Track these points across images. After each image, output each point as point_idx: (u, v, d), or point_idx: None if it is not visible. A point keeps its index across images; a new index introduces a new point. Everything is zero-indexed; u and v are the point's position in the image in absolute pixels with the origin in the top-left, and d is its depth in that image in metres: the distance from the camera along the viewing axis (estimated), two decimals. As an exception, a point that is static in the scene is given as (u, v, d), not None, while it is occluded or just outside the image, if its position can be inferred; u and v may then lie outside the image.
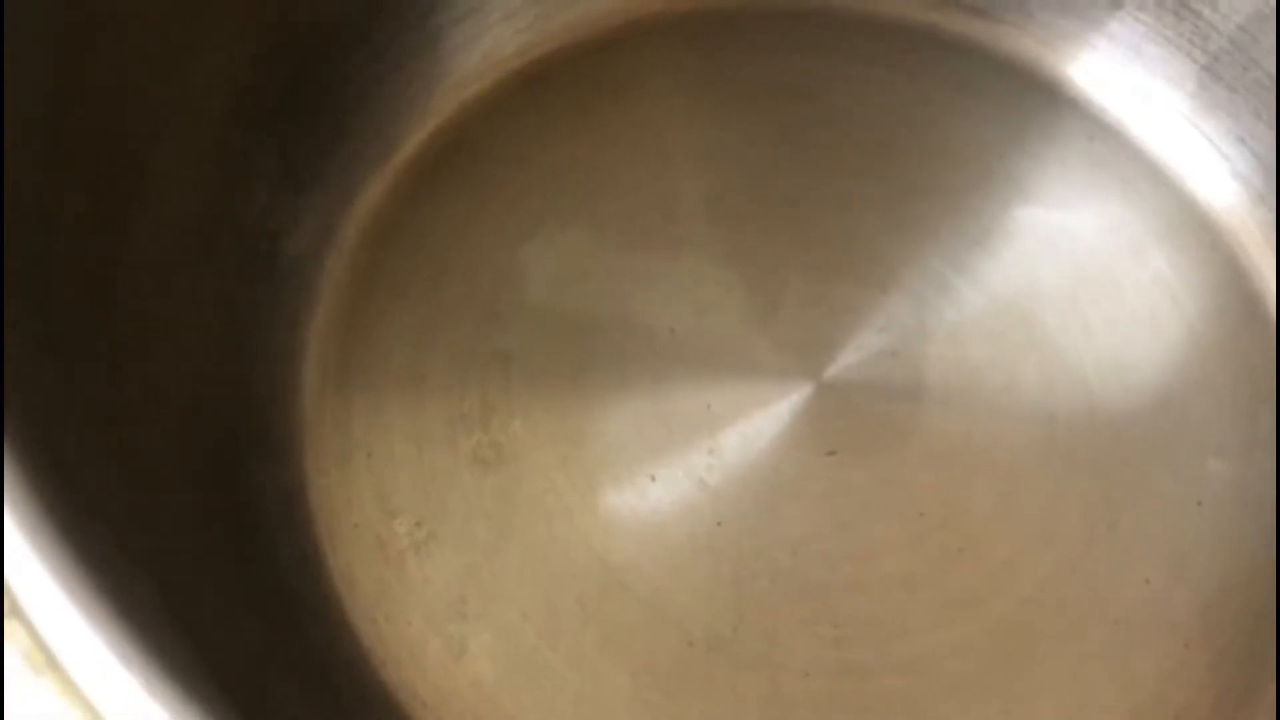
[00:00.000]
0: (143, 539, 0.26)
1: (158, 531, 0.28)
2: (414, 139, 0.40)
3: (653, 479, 0.36)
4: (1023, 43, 0.42)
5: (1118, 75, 0.41)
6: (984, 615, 0.35)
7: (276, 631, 0.31)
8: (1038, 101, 0.42)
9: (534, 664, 0.34)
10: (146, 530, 0.27)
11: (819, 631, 0.35)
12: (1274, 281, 0.40)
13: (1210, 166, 0.41)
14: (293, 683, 0.30)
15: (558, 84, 0.41)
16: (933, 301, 0.39)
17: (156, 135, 0.32)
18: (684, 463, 0.36)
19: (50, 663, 0.21)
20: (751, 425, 0.37)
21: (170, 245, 0.33)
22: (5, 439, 0.23)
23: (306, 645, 0.32)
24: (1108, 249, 0.40)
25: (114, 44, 0.31)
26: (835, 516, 0.36)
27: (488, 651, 0.33)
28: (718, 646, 0.34)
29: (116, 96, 0.31)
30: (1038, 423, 0.37)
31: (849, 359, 0.38)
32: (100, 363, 0.29)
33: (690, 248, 0.39)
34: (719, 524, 0.36)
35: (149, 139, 0.32)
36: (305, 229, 0.37)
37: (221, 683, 0.24)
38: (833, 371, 0.37)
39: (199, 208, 0.34)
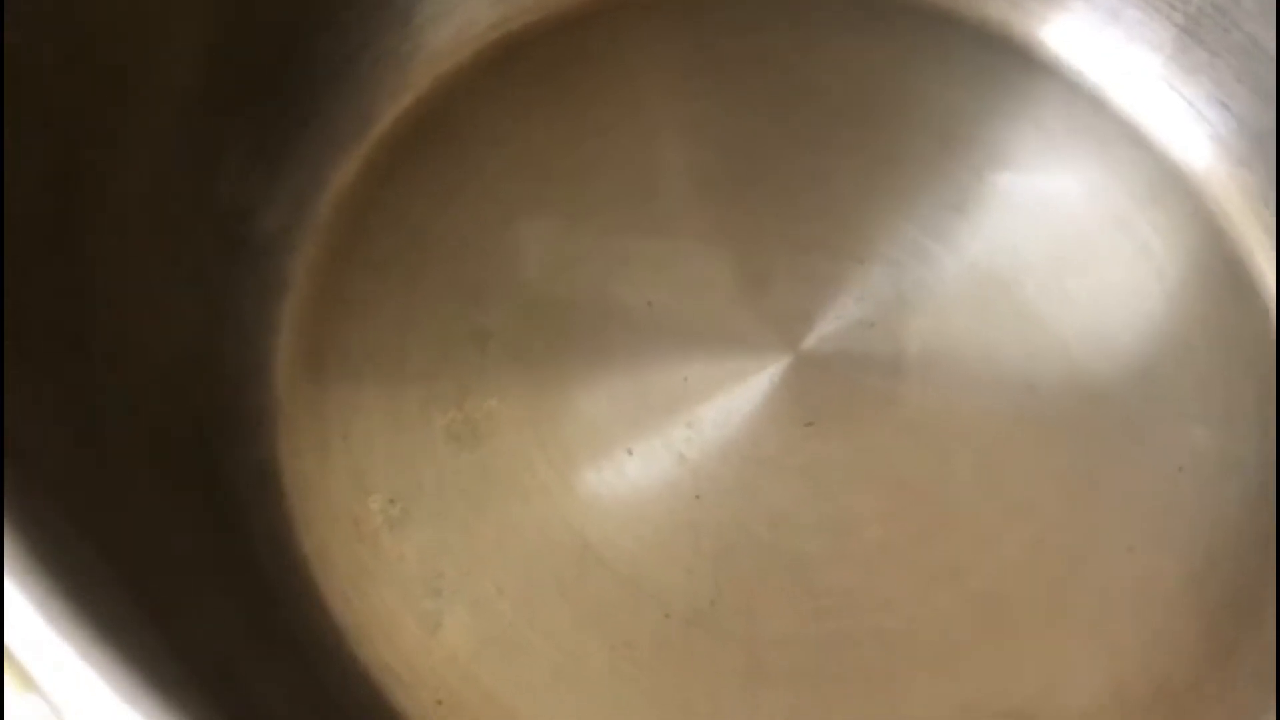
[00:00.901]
0: (107, 525, 0.26)
1: (123, 515, 0.28)
2: (389, 115, 0.39)
3: (630, 453, 0.36)
4: (999, 7, 0.41)
5: (1096, 39, 0.41)
6: (964, 586, 0.35)
7: (250, 612, 0.31)
8: (1015, 67, 0.41)
9: (510, 639, 0.33)
10: (111, 515, 0.27)
11: (798, 604, 0.34)
12: (1256, 246, 0.39)
13: (1191, 130, 0.40)
14: (266, 662, 0.30)
15: (534, 58, 0.41)
16: (911, 271, 0.38)
17: (121, 112, 0.32)
18: (662, 437, 0.36)
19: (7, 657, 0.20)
20: (729, 398, 0.36)
21: (139, 223, 0.33)
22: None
23: (280, 624, 0.32)
24: (1088, 215, 0.39)
25: (75, 17, 0.30)
26: (814, 488, 0.36)
27: (463, 627, 0.33)
28: (696, 620, 0.34)
29: (79, 71, 0.31)
30: (1018, 392, 0.37)
31: (827, 330, 0.37)
32: (67, 343, 0.29)
33: (666, 223, 0.39)
34: (697, 497, 0.35)
35: (113, 115, 0.32)
36: (278, 207, 0.37)
37: (189, 666, 0.24)
38: (811, 343, 0.37)
39: (168, 186, 0.34)
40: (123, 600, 0.24)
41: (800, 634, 0.34)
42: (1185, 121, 0.40)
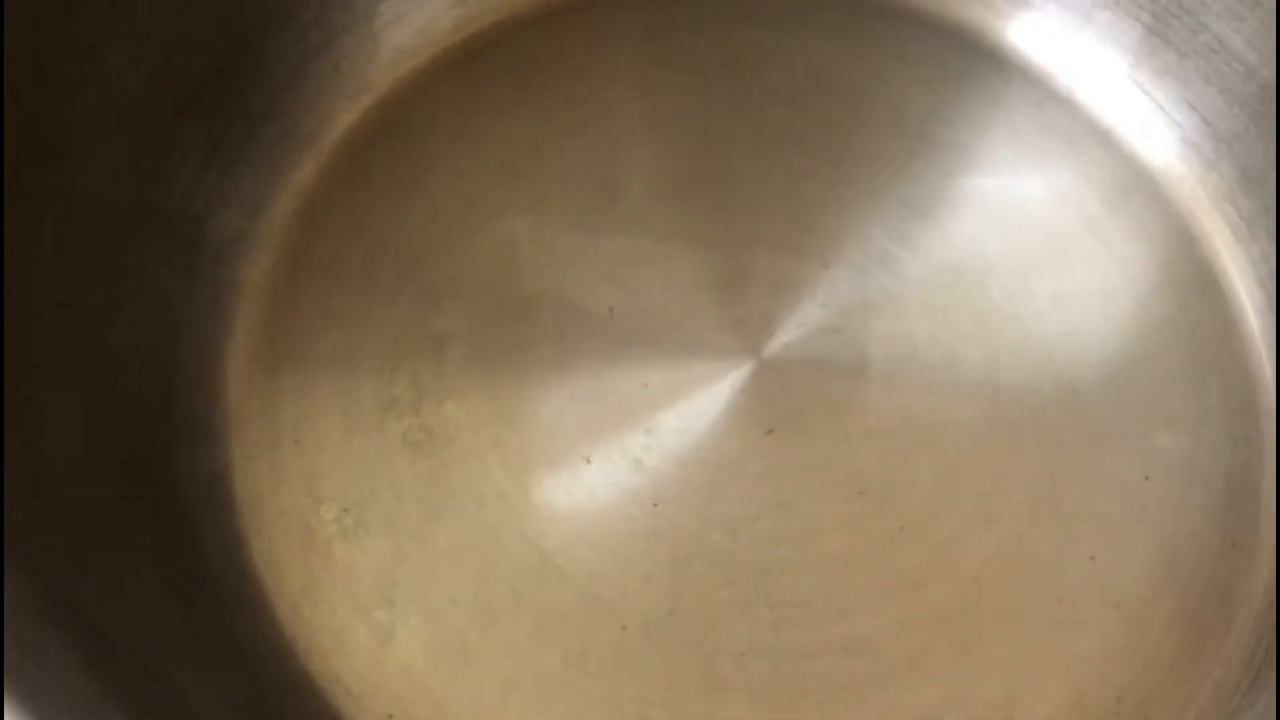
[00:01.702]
0: (40, 537, 0.25)
1: (60, 526, 0.27)
2: (347, 117, 0.39)
3: (588, 461, 0.35)
4: (970, 9, 0.41)
5: (1067, 41, 0.40)
6: (925, 595, 0.35)
7: (197, 622, 0.31)
8: (985, 69, 0.41)
9: (464, 650, 0.33)
10: (47, 526, 0.26)
11: (757, 613, 0.34)
12: (1223, 248, 0.39)
13: (1160, 132, 0.40)
14: (212, 673, 0.30)
15: (496, 59, 0.41)
16: (875, 275, 0.38)
17: (68, 116, 0.32)
18: (620, 444, 0.35)
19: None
20: (690, 404, 0.36)
21: (88, 228, 0.32)
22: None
23: (229, 636, 0.31)
24: (1056, 218, 0.39)
25: (19, 21, 0.30)
26: (774, 496, 0.35)
27: (416, 638, 0.33)
28: (653, 630, 0.34)
29: (24, 75, 0.30)
30: (982, 398, 0.37)
31: (789, 335, 0.37)
32: (10, 348, 0.29)
33: (630, 225, 0.38)
34: (655, 505, 0.35)
35: (60, 120, 0.31)
36: (232, 211, 0.36)
37: (124, 681, 0.24)
38: (773, 349, 0.37)
39: (118, 190, 0.33)
40: (51, 613, 0.24)
41: (759, 645, 0.34)
42: (1154, 123, 0.40)
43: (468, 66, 0.40)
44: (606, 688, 0.33)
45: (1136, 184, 0.40)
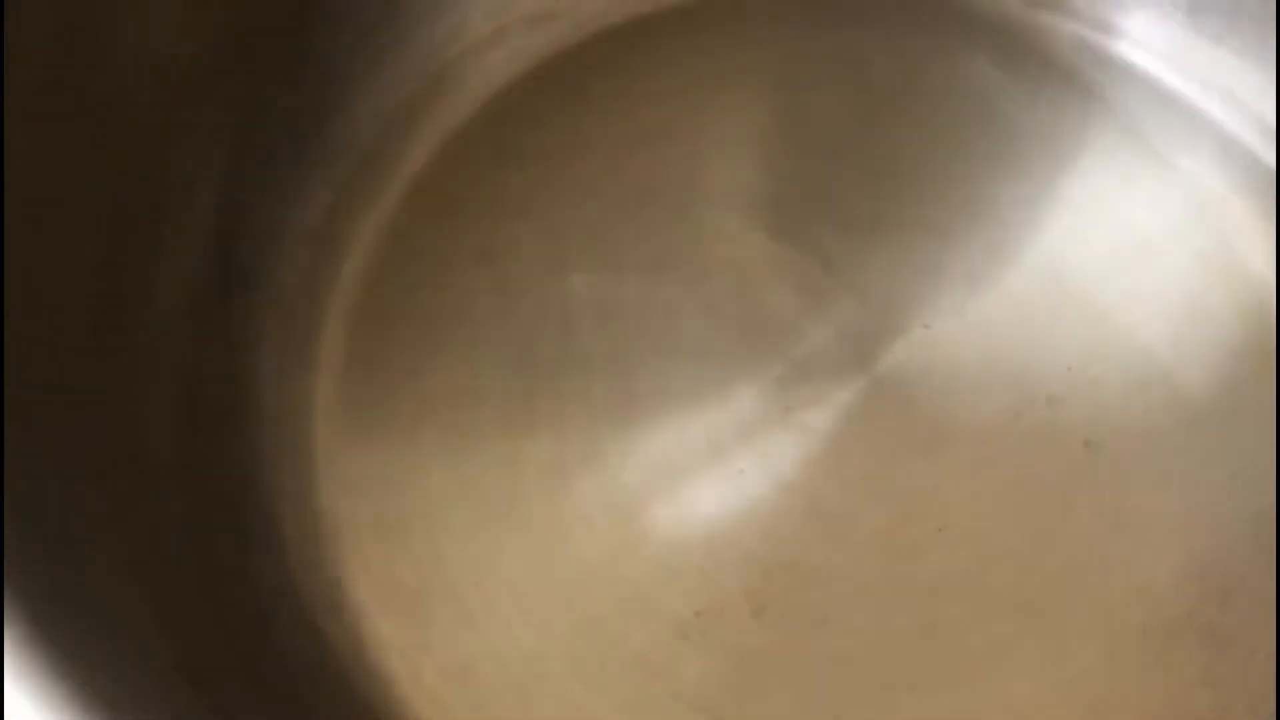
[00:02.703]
0: (69, 536, 0.25)
1: (94, 525, 0.27)
2: (411, 143, 0.38)
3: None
4: (1058, 19, 0.40)
5: (1159, 50, 0.40)
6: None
7: (232, 626, 0.31)
8: (1071, 76, 0.40)
9: (502, 657, 0.33)
10: (86, 536, 0.26)
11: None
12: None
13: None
14: (249, 685, 0.30)
15: (559, 74, 0.40)
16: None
17: (76, 124, 0.30)
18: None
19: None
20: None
21: (113, 237, 0.31)
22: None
23: (265, 645, 0.31)
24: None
25: (37, 20, 0.29)
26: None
27: (455, 645, 0.33)
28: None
29: (40, 78, 0.29)
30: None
31: (885, 350, 0.37)
32: (37, 361, 0.28)
33: (715, 239, 0.38)
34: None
35: (69, 127, 0.30)
36: (256, 225, 0.36)
37: (149, 688, 0.24)
38: (870, 364, 0.36)
39: (136, 202, 0.32)
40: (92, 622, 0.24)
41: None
42: (1243, 127, 0.39)
43: (530, 83, 0.39)
44: (643, 693, 0.33)
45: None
